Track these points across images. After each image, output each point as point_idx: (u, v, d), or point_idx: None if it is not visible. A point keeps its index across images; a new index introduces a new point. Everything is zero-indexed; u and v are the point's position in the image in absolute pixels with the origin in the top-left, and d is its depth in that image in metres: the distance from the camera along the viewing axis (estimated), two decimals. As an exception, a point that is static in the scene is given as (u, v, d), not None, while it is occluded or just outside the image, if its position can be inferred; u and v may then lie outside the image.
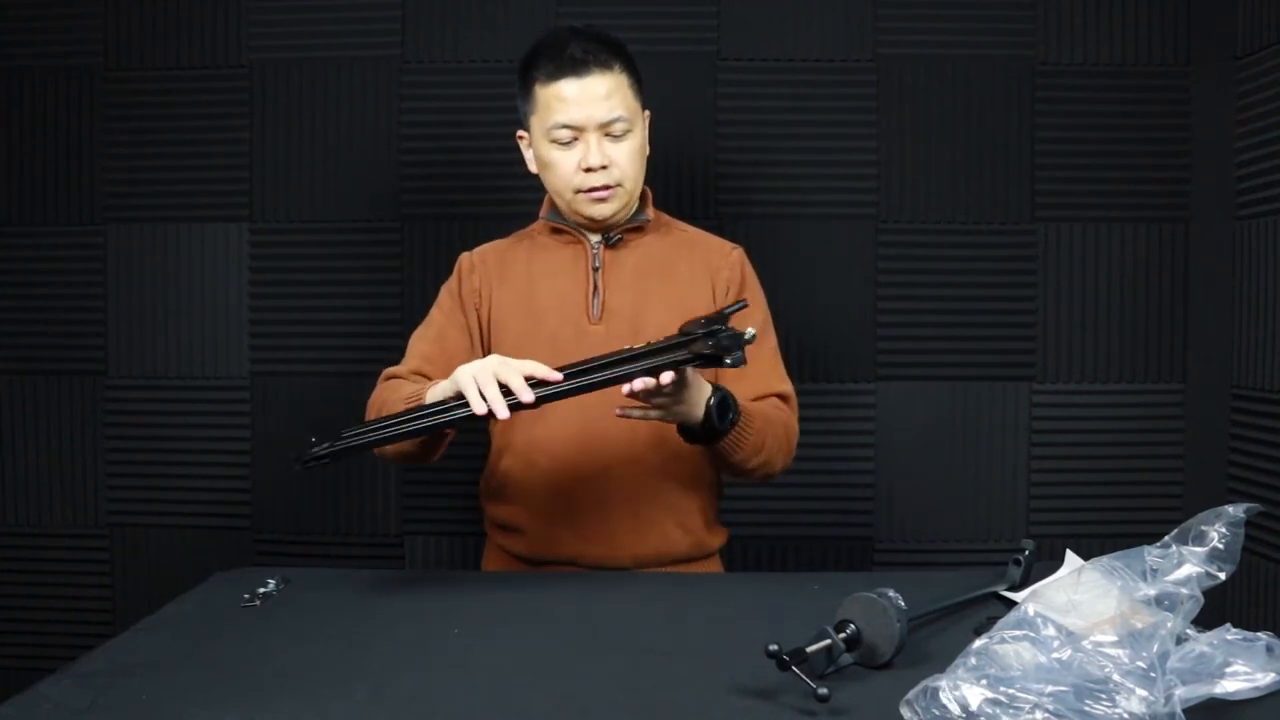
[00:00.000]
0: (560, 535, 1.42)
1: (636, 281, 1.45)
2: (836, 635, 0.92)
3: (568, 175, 1.40)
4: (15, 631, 2.14)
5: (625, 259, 1.46)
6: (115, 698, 0.91)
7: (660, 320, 1.38)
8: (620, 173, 1.40)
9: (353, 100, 2.07)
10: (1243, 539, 0.91)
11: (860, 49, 2.04)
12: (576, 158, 1.39)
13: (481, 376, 1.17)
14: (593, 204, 1.41)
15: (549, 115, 1.39)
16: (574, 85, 1.37)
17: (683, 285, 1.46)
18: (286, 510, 2.11)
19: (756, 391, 1.42)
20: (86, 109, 2.09)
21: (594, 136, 1.38)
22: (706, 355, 1.15)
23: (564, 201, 1.44)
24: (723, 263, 1.49)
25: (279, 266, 2.09)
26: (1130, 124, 2.02)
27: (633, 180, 1.42)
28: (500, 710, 0.89)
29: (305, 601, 1.20)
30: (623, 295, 1.44)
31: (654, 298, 1.44)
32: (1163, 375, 2.04)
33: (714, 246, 1.51)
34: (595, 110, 1.37)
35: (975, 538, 2.06)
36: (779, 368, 1.49)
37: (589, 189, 1.40)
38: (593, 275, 1.44)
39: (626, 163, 1.41)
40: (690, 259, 1.48)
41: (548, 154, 1.41)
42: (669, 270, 1.47)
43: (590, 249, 1.45)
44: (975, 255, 2.04)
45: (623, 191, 1.42)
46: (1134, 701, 0.77)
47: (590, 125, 1.38)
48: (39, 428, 2.13)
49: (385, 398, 1.36)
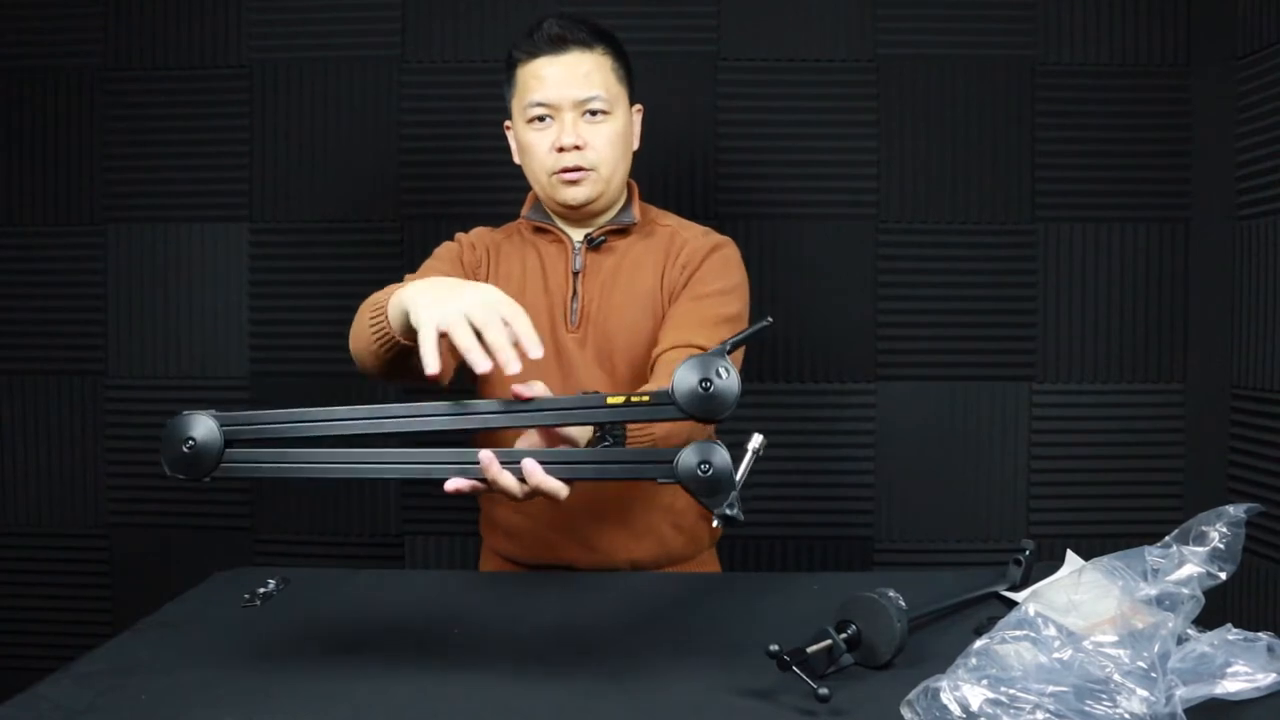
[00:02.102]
0: (555, 541, 1.40)
1: (614, 288, 1.39)
2: (837, 635, 0.92)
3: (542, 156, 1.36)
4: (15, 631, 2.14)
5: (605, 262, 1.41)
6: (115, 698, 0.91)
7: (633, 330, 1.35)
8: (596, 156, 1.36)
9: (353, 100, 2.07)
10: (1243, 539, 0.91)
11: (860, 49, 2.03)
12: (551, 138, 1.36)
13: (482, 316, 0.94)
14: (565, 187, 1.36)
15: (526, 95, 1.36)
16: (551, 63, 1.34)
17: (654, 284, 1.39)
18: (286, 510, 2.11)
19: (677, 341, 1.29)
20: (86, 109, 2.09)
21: (570, 116, 1.35)
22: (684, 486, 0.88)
23: (540, 187, 1.40)
24: (684, 247, 1.40)
25: (279, 266, 2.09)
26: (1130, 124, 2.02)
27: (609, 166, 1.37)
28: (500, 710, 0.89)
29: (305, 601, 1.20)
30: (600, 303, 1.39)
31: (631, 308, 1.38)
32: (1163, 375, 2.04)
33: (690, 236, 1.43)
34: (571, 88, 1.34)
35: (975, 538, 2.06)
36: (716, 329, 1.30)
37: (561, 169, 1.35)
38: (572, 280, 1.40)
39: (604, 146, 1.36)
40: (667, 251, 1.41)
41: (525, 136, 1.38)
42: (644, 272, 1.40)
43: (572, 250, 1.41)
44: (975, 255, 2.04)
45: (598, 177, 1.37)
46: (1135, 702, 0.77)
47: (566, 104, 1.34)
48: (39, 428, 2.13)
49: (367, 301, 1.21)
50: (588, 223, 1.43)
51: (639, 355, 1.36)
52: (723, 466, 0.87)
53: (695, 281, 1.37)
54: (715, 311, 1.34)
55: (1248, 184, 1.94)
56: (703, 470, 0.87)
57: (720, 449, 0.88)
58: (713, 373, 0.87)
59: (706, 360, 0.88)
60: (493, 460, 0.92)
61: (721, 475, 0.87)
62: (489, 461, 0.92)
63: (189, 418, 0.93)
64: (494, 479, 0.93)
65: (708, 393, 0.87)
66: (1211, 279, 2.01)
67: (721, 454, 0.88)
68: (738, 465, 0.90)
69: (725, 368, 0.87)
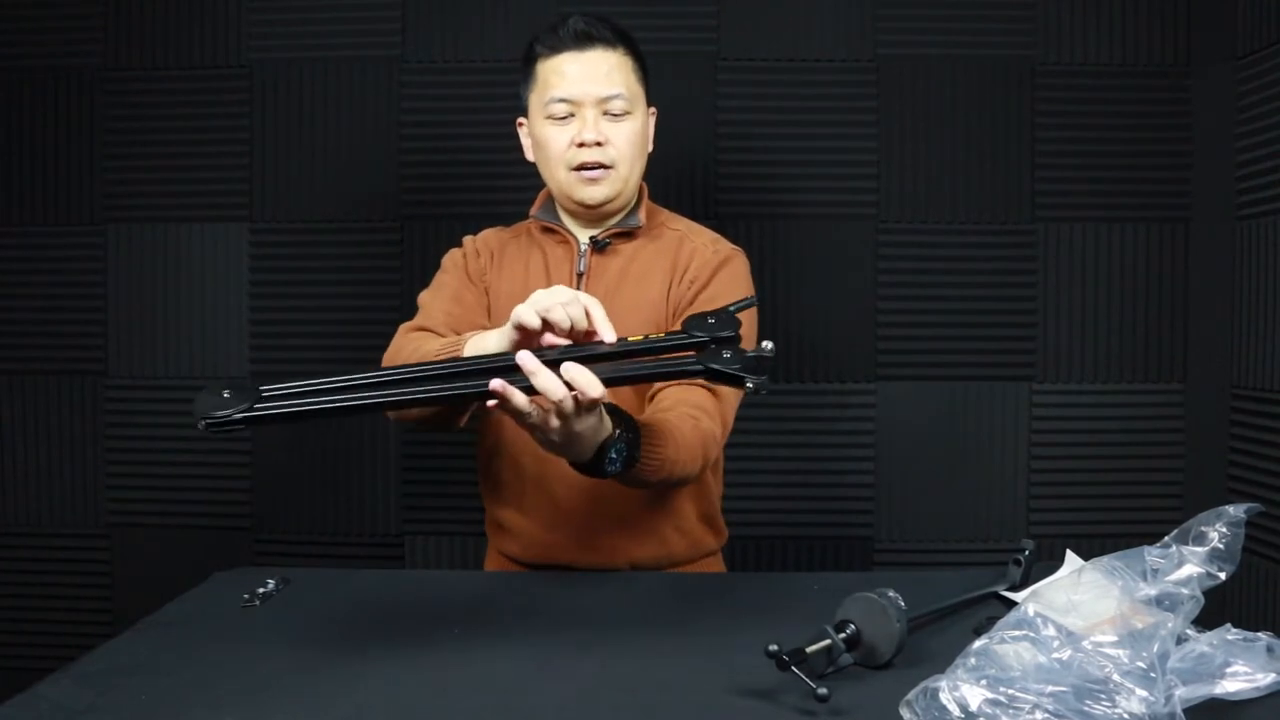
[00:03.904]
0: (555, 541, 1.40)
1: (620, 294, 1.38)
2: (836, 635, 0.92)
3: (560, 151, 1.36)
4: (15, 631, 2.14)
5: (610, 265, 1.40)
6: (115, 698, 0.91)
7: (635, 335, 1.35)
8: (616, 153, 1.36)
9: (353, 100, 2.07)
10: (1243, 539, 0.91)
11: (860, 49, 2.04)
12: (571, 133, 1.36)
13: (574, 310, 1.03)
14: (585, 185, 1.36)
15: (547, 90, 1.36)
16: (575, 59, 1.35)
17: (660, 294, 1.39)
18: (286, 510, 2.11)
19: None
20: (86, 109, 2.09)
21: (591, 113, 1.35)
22: (721, 373, 0.99)
23: (556, 184, 1.40)
24: (693, 259, 1.40)
25: (279, 266, 2.09)
26: (1130, 124, 2.02)
27: (628, 165, 1.38)
28: (500, 710, 0.89)
29: (305, 601, 1.20)
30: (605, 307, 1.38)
31: (635, 316, 1.36)
32: (1163, 375, 2.04)
33: (699, 245, 1.42)
34: (594, 85, 1.34)
35: (975, 538, 2.06)
36: None
37: (580, 165, 1.36)
38: (576, 282, 1.40)
39: (624, 144, 1.37)
40: (674, 261, 1.41)
41: (543, 132, 1.38)
42: (652, 279, 1.39)
43: (578, 252, 1.41)
44: (975, 255, 2.04)
45: (616, 176, 1.37)
46: (1134, 702, 0.77)
47: (588, 100, 1.35)
48: (39, 428, 2.13)
49: (408, 350, 1.24)
50: (598, 223, 1.43)
51: None
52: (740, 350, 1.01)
53: (703, 301, 1.36)
54: None
55: (1248, 184, 1.94)
56: (726, 358, 1.00)
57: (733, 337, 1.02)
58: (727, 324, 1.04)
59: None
60: (506, 385, 0.95)
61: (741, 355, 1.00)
62: (503, 387, 0.95)
63: (221, 381, 0.94)
64: (509, 397, 0.96)
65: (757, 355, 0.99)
66: (1211, 279, 2.01)
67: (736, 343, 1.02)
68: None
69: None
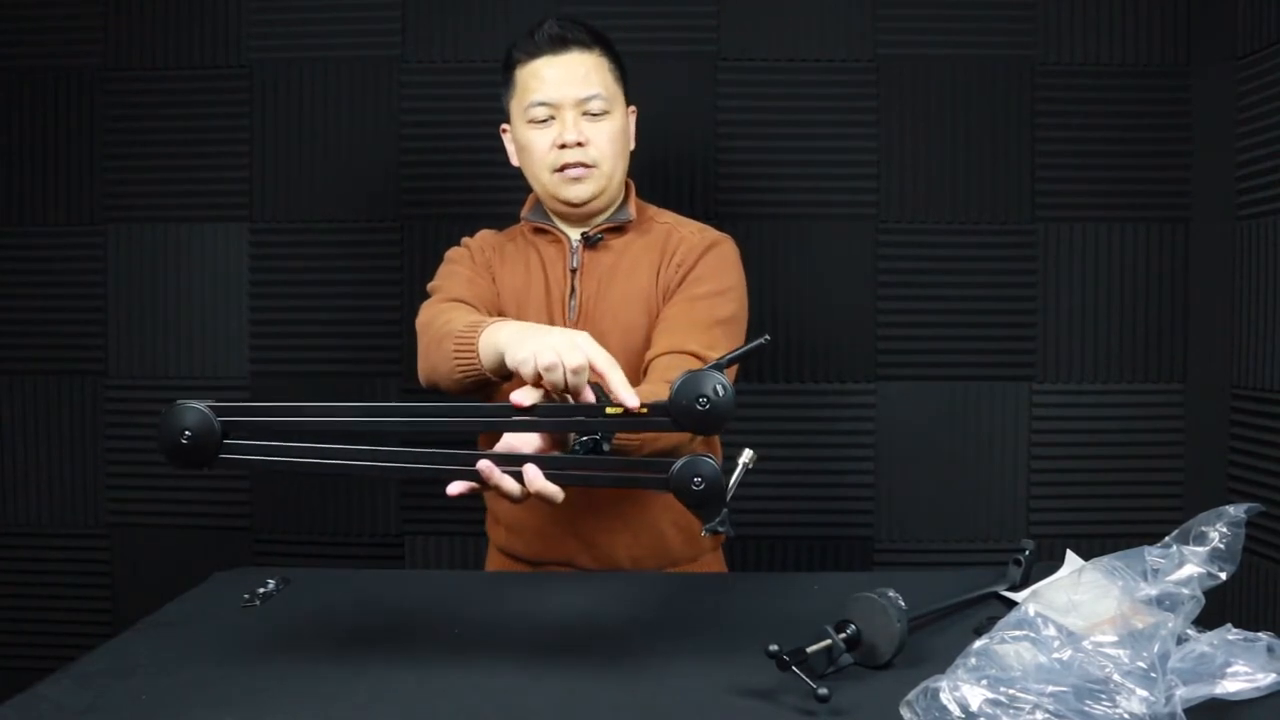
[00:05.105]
0: (555, 536, 1.41)
1: (611, 286, 1.40)
2: (836, 635, 0.92)
3: (543, 154, 1.38)
4: (15, 631, 2.14)
5: (602, 260, 1.42)
6: (115, 698, 0.91)
7: (629, 328, 1.36)
8: (597, 152, 1.37)
9: (353, 100, 2.07)
10: (1243, 539, 0.91)
11: (860, 49, 2.03)
12: (552, 136, 1.37)
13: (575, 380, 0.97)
14: (569, 184, 1.38)
15: (526, 95, 1.38)
16: (551, 63, 1.36)
17: (650, 283, 1.40)
18: (286, 510, 2.11)
19: (671, 346, 1.29)
20: (86, 109, 2.09)
21: (571, 114, 1.36)
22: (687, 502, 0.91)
23: (541, 186, 1.41)
24: (680, 245, 1.41)
25: (279, 266, 2.09)
26: (1130, 124, 2.02)
27: (610, 163, 1.39)
28: (500, 710, 0.89)
29: (305, 601, 1.20)
30: (597, 300, 1.40)
31: (627, 306, 1.39)
32: (1163, 375, 2.04)
33: (686, 233, 1.43)
34: (572, 87, 1.36)
35: (975, 538, 2.06)
36: (709, 332, 1.31)
37: (563, 166, 1.37)
38: (570, 277, 1.41)
39: (605, 143, 1.38)
40: (663, 250, 1.42)
41: (525, 136, 1.39)
42: (642, 270, 1.41)
43: (570, 249, 1.42)
44: (975, 255, 2.04)
45: (599, 174, 1.38)
46: (1134, 702, 0.77)
47: (566, 102, 1.36)
48: (39, 428, 2.13)
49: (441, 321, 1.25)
50: (586, 221, 1.44)
51: (635, 353, 1.36)
52: (714, 481, 0.90)
53: (690, 281, 1.37)
54: (709, 314, 1.34)
55: (1248, 184, 1.94)
56: (695, 484, 0.90)
57: (712, 463, 0.90)
58: (710, 389, 0.89)
59: (703, 377, 0.90)
60: (492, 469, 0.95)
61: (713, 490, 0.90)
62: (489, 470, 0.95)
63: (182, 408, 0.92)
64: (496, 484, 0.95)
65: (704, 410, 0.89)
66: (1211, 279, 2.01)
67: (714, 468, 0.90)
68: (728, 478, 0.92)
69: (721, 385, 0.89)
